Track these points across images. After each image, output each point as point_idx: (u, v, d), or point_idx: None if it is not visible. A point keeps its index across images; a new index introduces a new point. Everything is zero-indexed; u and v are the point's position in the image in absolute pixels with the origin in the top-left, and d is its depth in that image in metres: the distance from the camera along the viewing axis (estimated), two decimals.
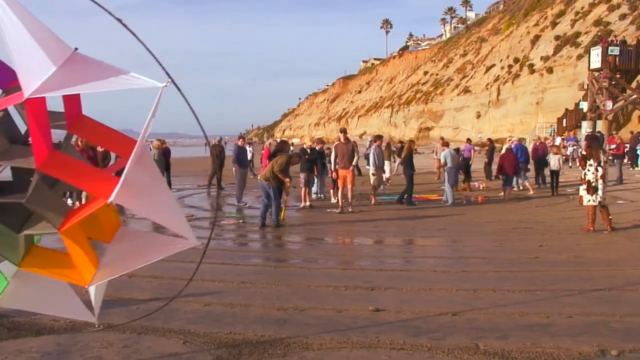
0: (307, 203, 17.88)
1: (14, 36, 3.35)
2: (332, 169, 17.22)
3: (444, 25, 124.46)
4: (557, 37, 57.52)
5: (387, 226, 14.22)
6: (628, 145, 28.13)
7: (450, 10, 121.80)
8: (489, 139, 31.37)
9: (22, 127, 4.21)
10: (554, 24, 61.90)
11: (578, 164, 13.58)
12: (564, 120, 43.88)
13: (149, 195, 4.03)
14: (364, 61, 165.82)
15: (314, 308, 7.22)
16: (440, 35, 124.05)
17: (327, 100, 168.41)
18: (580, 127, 40.81)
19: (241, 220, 15.11)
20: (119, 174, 3.88)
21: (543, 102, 53.78)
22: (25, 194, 3.88)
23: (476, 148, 30.59)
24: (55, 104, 4.01)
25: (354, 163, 16.60)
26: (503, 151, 21.87)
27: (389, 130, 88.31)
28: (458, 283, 8.47)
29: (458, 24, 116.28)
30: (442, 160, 19.32)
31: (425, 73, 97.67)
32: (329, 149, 20.23)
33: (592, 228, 12.72)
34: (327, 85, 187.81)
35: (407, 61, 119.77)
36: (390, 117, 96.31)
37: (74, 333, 6.19)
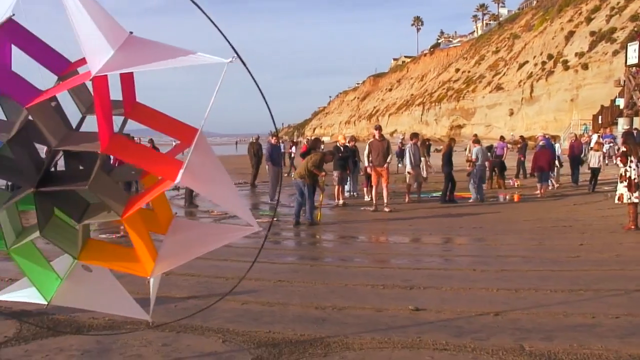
0: (341, 201, 17.79)
1: (78, 19, 3.40)
2: (367, 165, 17.09)
3: (476, 22, 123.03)
4: (592, 33, 56.59)
5: (423, 224, 14.06)
6: None
7: (482, 7, 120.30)
8: (521, 136, 31.01)
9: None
10: (588, 20, 60.92)
11: (616, 160, 13.25)
12: (600, 117, 43.13)
13: (212, 180, 4.03)
14: (394, 59, 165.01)
15: (352, 307, 7.13)
16: (472, 32, 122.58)
17: (358, 98, 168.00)
18: (616, 124, 40.05)
19: (275, 219, 15.07)
20: None
21: (578, 99, 52.95)
22: (85, 182, 3.85)
23: (509, 145, 30.22)
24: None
25: (388, 160, 16.41)
26: (537, 148, 21.57)
27: (420, 128, 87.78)
28: (498, 282, 8.31)
29: (490, 20, 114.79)
30: (473, 157, 19.09)
31: (457, 70, 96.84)
32: (354, 146, 20.00)
33: (633, 226, 12.42)
34: (358, 83, 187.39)
35: (439, 58, 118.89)
36: (422, 115, 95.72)
37: (112, 333, 6.19)
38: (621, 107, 40.63)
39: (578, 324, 6.41)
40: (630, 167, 12.32)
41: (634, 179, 12.24)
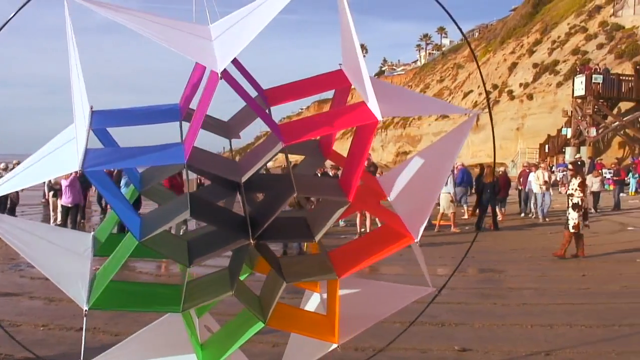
0: None
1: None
2: None
3: (419, 51, 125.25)
4: (535, 65, 58.24)
5: (411, 253, 13.65)
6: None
7: (426, 36, 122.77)
8: (481, 165, 31.27)
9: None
10: (531, 52, 62.74)
11: (572, 189, 13.02)
12: (547, 146, 44.14)
13: None
14: None
15: (394, 348, 6.71)
16: (415, 61, 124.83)
17: None
18: (563, 153, 41.07)
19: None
20: None
21: (523, 128, 54.19)
22: (310, 234, 3.69)
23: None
24: None
25: None
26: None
27: None
28: (527, 317, 8.08)
29: (433, 50, 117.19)
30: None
31: None
32: (336, 174, 19.46)
33: (562, 254, 12.84)
34: (302, 109, 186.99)
35: None
36: None
37: None
38: (568, 136, 41.66)
39: None
40: (579, 195, 12.59)
41: (584, 206, 12.72)
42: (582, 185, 12.87)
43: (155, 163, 3.76)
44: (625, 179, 26.22)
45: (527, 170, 22.33)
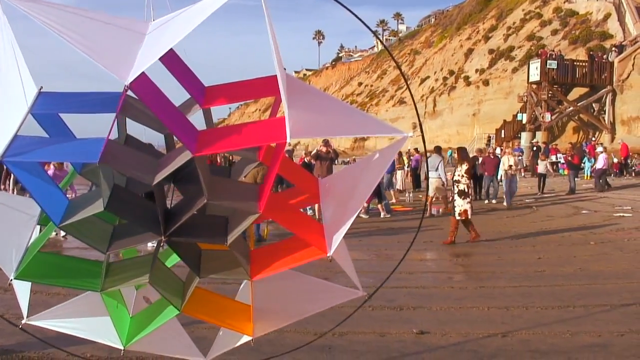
0: None
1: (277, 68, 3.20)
2: None
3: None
4: (491, 51, 58.97)
5: (373, 240, 13.72)
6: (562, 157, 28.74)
7: (383, 22, 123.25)
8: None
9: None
10: (486, 38, 63.47)
11: (459, 176, 12.89)
12: (503, 132, 44.72)
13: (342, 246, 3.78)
14: (295, 72, 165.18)
15: (353, 332, 6.74)
16: (372, 47, 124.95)
17: (259, 110, 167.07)
18: (519, 137, 41.71)
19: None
20: None
21: (479, 114, 54.85)
22: (223, 237, 3.51)
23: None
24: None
25: None
26: None
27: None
28: (484, 300, 8.16)
29: (390, 36, 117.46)
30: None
31: (360, 84, 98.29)
32: (310, 160, 19.25)
33: (452, 240, 12.96)
34: None
35: (340, 72, 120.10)
36: None
37: None
38: (523, 121, 42.31)
39: (590, 344, 6.34)
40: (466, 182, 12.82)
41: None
42: (469, 172, 13.02)
43: (70, 160, 3.65)
44: (580, 164, 26.93)
45: (492, 157, 22.52)
